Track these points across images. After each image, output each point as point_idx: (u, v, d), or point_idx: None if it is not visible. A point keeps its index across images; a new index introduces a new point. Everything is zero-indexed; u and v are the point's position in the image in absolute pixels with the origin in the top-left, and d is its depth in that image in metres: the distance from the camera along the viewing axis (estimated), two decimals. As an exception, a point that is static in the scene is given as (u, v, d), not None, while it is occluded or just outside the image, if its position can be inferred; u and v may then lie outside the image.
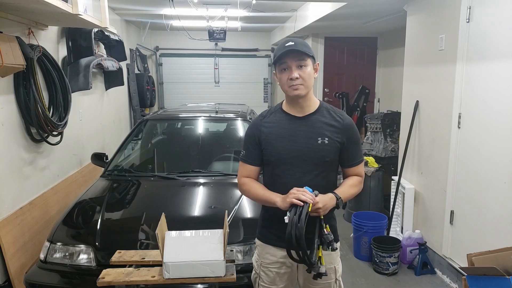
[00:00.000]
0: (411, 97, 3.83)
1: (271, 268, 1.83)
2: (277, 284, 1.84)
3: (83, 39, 4.09)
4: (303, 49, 1.66)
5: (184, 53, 9.10)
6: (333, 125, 1.75)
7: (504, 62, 2.65)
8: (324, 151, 1.72)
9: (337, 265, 1.85)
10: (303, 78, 1.67)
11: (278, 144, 1.73)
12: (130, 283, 1.91)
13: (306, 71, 1.68)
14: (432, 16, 3.47)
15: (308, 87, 1.71)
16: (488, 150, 2.82)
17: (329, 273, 1.77)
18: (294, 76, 1.66)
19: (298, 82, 1.67)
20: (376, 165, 4.49)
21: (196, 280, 1.93)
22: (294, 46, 1.66)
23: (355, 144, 1.80)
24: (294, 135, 1.74)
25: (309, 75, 1.69)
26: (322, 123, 1.75)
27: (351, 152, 1.79)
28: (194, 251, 1.89)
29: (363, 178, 1.85)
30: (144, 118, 4.09)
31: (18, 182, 3.17)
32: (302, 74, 1.67)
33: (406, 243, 3.58)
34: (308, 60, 1.69)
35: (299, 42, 1.69)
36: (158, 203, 2.85)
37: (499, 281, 1.70)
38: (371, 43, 6.95)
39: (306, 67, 1.68)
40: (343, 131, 1.76)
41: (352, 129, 1.79)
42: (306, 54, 1.67)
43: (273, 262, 1.82)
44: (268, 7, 5.75)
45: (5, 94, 3.00)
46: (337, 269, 1.85)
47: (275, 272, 1.82)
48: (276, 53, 1.71)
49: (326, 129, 1.74)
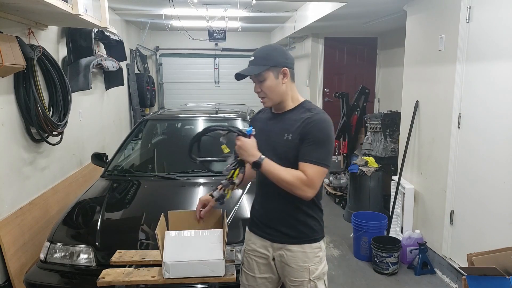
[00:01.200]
0: (411, 97, 3.83)
1: (251, 255, 1.90)
2: (254, 272, 1.89)
3: (83, 39, 4.09)
4: (257, 65, 1.71)
5: (184, 53, 9.11)
6: (299, 121, 1.72)
7: (504, 62, 2.65)
8: (286, 147, 1.73)
9: (312, 265, 1.78)
10: (264, 92, 1.75)
11: (258, 137, 1.79)
12: (130, 283, 1.91)
13: (265, 85, 1.73)
14: (432, 16, 3.47)
15: (273, 98, 1.76)
16: (488, 150, 2.82)
17: (302, 271, 1.78)
18: (256, 90, 1.77)
19: (261, 95, 1.77)
20: (376, 165, 4.49)
21: (196, 280, 1.93)
22: (250, 63, 1.73)
23: (311, 140, 1.67)
24: (270, 130, 1.82)
25: (269, 88, 1.73)
26: (292, 120, 1.75)
27: (305, 147, 1.68)
28: (194, 251, 1.89)
29: (309, 182, 1.64)
30: (144, 118, 4.09)
31: (18, 182, 3.17)
32: (262, 88, 1.74)
33: (406, 243, 3.58)
34: (264, 74, 1.71)
35: (258, 55, 1.74)
36: (158, 203, 2.85)
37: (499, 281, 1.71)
38: (371, 43, 6.95)
39: (264, 81, 1.73)
40: (304, 125, 1.69)
41: (315, 125, 1.68)
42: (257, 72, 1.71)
43: (253, 249, 1.89)
44: (268, 7, 5.75)
45: (5, 94, 3.00)
46: (311, 269, 1.78)
47: (254, 260, 1.89)
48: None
49: (294, 126, 1.73)
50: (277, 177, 1.67)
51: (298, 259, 1.78)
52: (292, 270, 1.79)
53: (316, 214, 1.83)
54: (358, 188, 4.49)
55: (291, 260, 1.79)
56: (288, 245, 1.78)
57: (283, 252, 1.80)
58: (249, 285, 1.93)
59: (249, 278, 1.92)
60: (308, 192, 1.67)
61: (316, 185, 1.68)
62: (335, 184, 5.44)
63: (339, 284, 3.30)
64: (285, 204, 1.78)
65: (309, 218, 1.81)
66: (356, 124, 5.62)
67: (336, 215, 4.91)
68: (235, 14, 5.80)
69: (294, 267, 1.78)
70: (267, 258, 1.86)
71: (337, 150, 5.94)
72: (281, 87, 1.74)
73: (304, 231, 1.79)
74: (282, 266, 1.82)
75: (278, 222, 1.80)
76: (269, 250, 1.84)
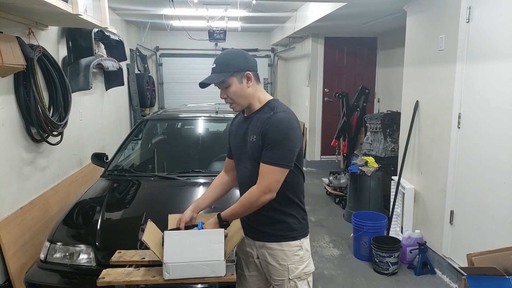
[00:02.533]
0: (411, 97, 3.83)
1: (240, 254, 1.96)
2: (244, 271, 1.96)
3: (83, 39, 4.09)
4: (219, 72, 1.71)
5: (184, 53, 9.10)
6: (261, 122, 1.72)
7: (504, 62, 2.65)
8: (252, 148, 1.75)
9: (291, 264, 1.79)
10: (230, 97, 1.76)
11: (231, 140, 1.90)
12: (130, 283, 1.90)
13: (230, 90, 1.74)
14: (432, 16, 3.47)
15: (240, 102, 1.77)
16: (488, 150, 2.82)
17: (282, 270, 1.80)
18: (222, 97, 1.78)
19: (228, 101, 1.79)
20: (376, 165, 4.49)
21: (197, 280, 1.93)
22: (208, 78, 1.73)
23: (268, 140, 1.67)
24: (239, 133, 1.86)
25: (235, 93, 1.74)
26: (257, 122, 1.76)
27: (264, 148, 1.70)
28: (194, 251, 1.89)
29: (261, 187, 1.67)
30: (144, 118, 4.09)
31: (18, 182, 3.17)
32: (228, 94, 1.76)
33: (406, 243, 3.58)
34: (228, 80, 1.72)
35: (219, 62, 1.75)
36: (158, 203, 2.85)
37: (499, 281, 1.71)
38: (371, 43, 6.95)
39: (229, 87, 1.74)
40: (263, 126, 1.70)
41: (271, 126, 1.67)
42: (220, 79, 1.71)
43: (241, 249, 1.95)
44: (268, 7, 5.75)
45: (5, 94, 3.00)
46: (290, 268, 1.79)
47: (243, 259, 1.95)
48: None
49: (257, 127, 1.74)
50: (241, 212, 1.78)
51: (278, 257, 1.81)
52: (273, 268, 1.82)
53: (295, 211, 1.83)
54: (358, 188, 4.49)
55: (271, 258, 1.82)
56: (268, 243, 1.82)
57: (264, 251, 1.84)
58: (241, 283, 1.99)
59: (241, 276, 1.98)
60: (266, 197, 1.70)
61: (272, 186, 1.69)
62: (335, 184, 5.44)
63: (339, 284, 3.30)
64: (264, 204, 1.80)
65: (286, 216, 1.81)
66: (356, 124, 5.62)
67: (336, 215, 4.91)
68: (235, 14, 5.80)
69: (275, 265, 1.82)
70: (252, 257, 1.91)
71: (337, 150, 5.95)
72: (247, 91, 1.75)
73: (281, 229, 1.81)
74: (265, 265, 1.86)
75: (256, 221, 1.84)
76: (252, 249, 1.89)
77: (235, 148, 1.90)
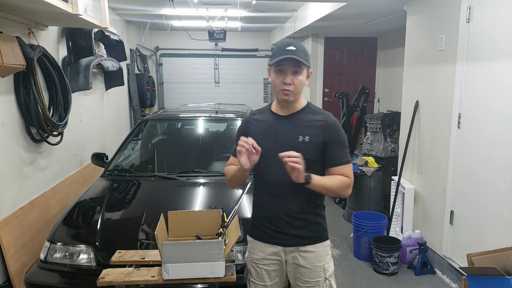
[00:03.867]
0: (411, 97, 3.83)
1: (259, 264, 1.85)
2: (265, 281, 1.85)
3: (83, 39, 4.09)
4: (302, 58, 1.69)
5: (184, 53, 9.11)
6: (315, 124, 1.77)
7: (504, 62, 2.65)
8: (303, 149, 1.71)
9: (326, 263, 1.82)
10: (295, 85, 1.72)
11: (262, 141, 1.75)
12: (130, 283, 1.91)
13: (299, 78, 1.72)
14: (432, 16, 3.47)
15: (298, 94, 1.76)
16: (488, 150, 2.82)
17: (317, 271, 1.79)
18: (287, 81, 1.71)
19: (290, 88, 1.72)
20: (376, 165, 4.49)
21: (196, 281, 1.93)
22: (294, 52, 1.68)
23: (338, 143, 1.77)
24: (277, 133, 1.79)
25: (301, 83, 1.74)
26: (304, 122, 1.77)
27: (334, 151, 1.77)
28: (194, 252, 1.89)
29: (351, 181, 1.79)
30: (144, 118, 4.09)
31: (18, 182, 3.17)
32: (295, 81, 1.71)
33: (406, 243, 3.58)
34: (303, 68, 1.72)
35: (299, 49, 1.71)
36: (158, 203, 2.85)
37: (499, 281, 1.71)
38: (371, 43, 6.95)
39: (300, 74, 1.72)
40: (325, 129, 1.76)
41: (335, 129, 1.78)
42: (302, 63, 1.69)
43: (261, 258, 1.84)
44: (268, 7, 5.75)
45: (5, 94, 3.00)
46: (326, 268, 1.82)
47: (263, 269, 1.84)
48: (275, 53, 1.72)
49: (308, 128, 1.76)
50: (328, 187, 1.73)
51: (312, 260, 1.79)
52: (307, 271, 1.79)
53: (322, 212, 1.87)
54: (358, 188, 4.49)
55: (305, 261, 1.79)
56: (301, 246, 1.79)
57: (297, 254, 1.79)
58: None
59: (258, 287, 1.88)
60: (350, 190, 1.80)
61: (353, 181, 1.81)
62: (335, 184, 5.43)
63: (339, 284, 3.28)
64: (296, 207, 1.78)
65: (318, 217, 1.84)
66: (356, 124, 5.62)
67: (336, 215, 4.91)
68: (235, 14, 5.80)
69: (309, 267, 1.79)
70: (279, 264, 1.83)
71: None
72: (303, 87, 1.77)
73: (316, 230, 1.82)
74: (295, 268, 1.81)
75: (289, 226, 1.78)
76: (281, 255, 1.82)
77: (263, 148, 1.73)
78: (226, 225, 2.22)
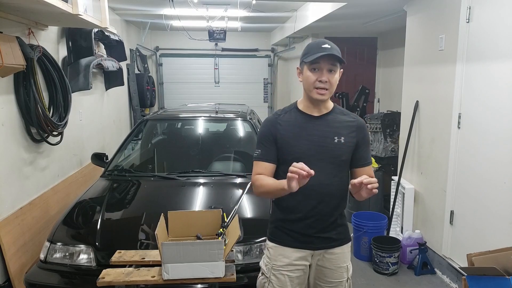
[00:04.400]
0: (411, 97, 3.83)
1: (283, 271, 1.78)
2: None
3: (83, 39, 4.09)
4: (339, 55, 1.68)
5: (184, 53, 9.11)
6: (348, 125, 1.79)
7: (504, 62, 2.65)
8: (340, 150, 1.74)
9: (349, 263, 1.86)
10: (330, 83, 1.69)
11: (295, 143, 1.72)
12: (130, 283, 1.91)
13: (334, 76, 1.70)
14: (432, 16, 3.47)
15: (331, 92, 1.73)
16: (488, 150, 2.82)
17: (341, 272, 1.81)
18: (324, 79, 1.67)
19: (326, 86, 1.69)
20: (376, 165, 4.49)
21: (196, 281, 1.93)
22: (331, 50, 1.67)
23: (367, 144, 1.82)
24: (311, 134, 1.74)
25: (336, 81, 1.72)
26: (337, 123, 1.77)
27: (363, 152, 1.80)
28: (194, 252, 1.89)
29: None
30: (144, 118, 4.09)
31: (18, 182, 3.17)
32: (330, 79, 1.69)
33: (406, 243, 3.58)
34: (338, 67, 1.71)
35: (334, 47, 1.70)
36: (158, 203, 2.85)
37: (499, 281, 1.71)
38: (371, 43, 6.95)
39: (335, 72, 1.71)
40: (358, 130, 1.79)
41: (365, 130, 1.83)
42: (339, 61, 1.69)
43: (286, 264, 1.78)
44: (268, 7, 5.75)
45: (5, 94, 3.00)
46: (348, 268, 1.85)
47: (287, 275, 1.78)
48: (309, 51, 1.69)
49: (342, 129, 1.77)
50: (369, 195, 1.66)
51: (338, 261, 1.80)
52: (331, 271, 1.80)
53: (344, 213, 1.88)
54: (358, 188, 4.48)
55: (331, 262, 1.80)
56: (329, 249, 1.79)
57: (322, 256, 1.79)
58: None
59: None
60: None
61: None
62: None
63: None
64: (329, 210, 1.77)
65: (344, 219, 1.86)
66: (356, 124, 5.62)
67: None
68: (235, 14, 5.80)
69: (334, 268, 1.80)
70: (304, 269, 1.80)
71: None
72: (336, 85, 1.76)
73: (343, 232, 1.83)
74: (319, 270, 1.81)
75: (321, 229, 1.77)
76: (308, 259, 1.80)
77: (298, 149, 1.72)
78: (226, 225, 2.22)
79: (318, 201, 1.74)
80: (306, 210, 1.75)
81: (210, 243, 1.92)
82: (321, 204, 1.75)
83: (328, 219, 1.77)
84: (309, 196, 1.73)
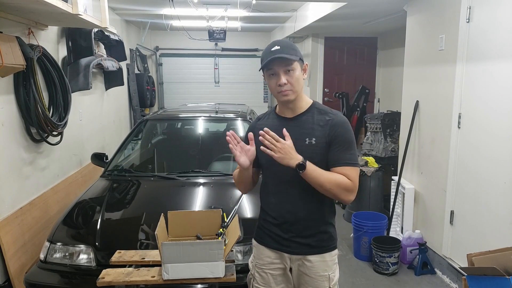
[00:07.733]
0: (411, 97, 3.83)
1: (265, 269, 1.80)
2: (271, 286, 1.80)
3: (83, 39, 4.08)
4: (289, 54, 1.61)
5: (184, 53, 9.11)
6: (321, 123, 1.68)
7: (504, 62, 2.65)
8: (312, 152, 1.64)
9: (331, 273, 1.76)
10: (291, 83, 1.64)
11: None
12: (130, 283, 1.91)
13: (293, 75, 1.64)
14: (432, 16, 3.47)
15: (297, 91, 1.67)
16: (488, 150, 2.82)
17: (321, 280, 1.74)
18: (282, 82, 1.63)
19: (286, 87, 1.64)
20: (376, 165, 4.49)
21: (196, 281, 1.93)
22: (280, 51, 1.61)
23: (342, 142, 1.65)
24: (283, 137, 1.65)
25: (297, 80, 1.65)
26: (310, 123, 1.69)
27: (338, 152, 1.65)
28: (194, 252, 1.89)
29: (353, 185, 1.64)
30: (144, 118, 4.08)
31: (18, 182, 3.17)
32: (290, 79, 1.63)
33: (406, 243, 3.58)
34: (295, 64, 1.64)
35: (285, 45, 1.65)
36: (158, 203, 2.85)
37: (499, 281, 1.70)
38: (371, 43, 6.95)
39: (293, 71, 1.64)
40: (331, 128, 1.66)
41: (341, 127, 1.67)
42: (291, 60, 1.62)
43: (268, 263, 1.79)
44: (268, 7, 5.75)
45: (5, 94, 3.00)
46: (331, 277, 1.75)
47: (269, 273, 1.79)
48: (262, 58, 1.66)
49: (315, 129, 1.68)
50: (324, 180, 1.59)
51: (318, 269, 1.73)
52: (311, 280, 1.74)
53: (333, 220, 1.80)
54: (358, 188, 4.47)
55: (310, 270, 1.73)
56: (308, 256, 1.72)
57: (302, 262, 1.74)
58: None
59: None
60: (352, 195, 1.66)
61: (357, 187, 1.66)
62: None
63: (339, 284, 3.29)
64: (305, 214, 1.71)
65: (329, 226, 1.77)
66: (356, 124, 5.63)
67: (336, 215, 4.90)
68: (235, 14, 5.80)
69: (314, 277, 1.73)
70: (284, 269, 1.79)
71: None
72: (302, 83, 1.69)
73: (324, 239, 1.75)
74: (300, 276, 1.76)
75: (298, 234, 1.73)
76: (286, 262, 1.77)
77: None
78: (226, 225, 2.22)
79: (292, 205, 1.71)
80: (281, 213, 1.74)
81: (210, 243, 1.92)
82: (296, 208, 1.71)
83: (306, 224, 1.71)
84: (283, 199, 1.73)
